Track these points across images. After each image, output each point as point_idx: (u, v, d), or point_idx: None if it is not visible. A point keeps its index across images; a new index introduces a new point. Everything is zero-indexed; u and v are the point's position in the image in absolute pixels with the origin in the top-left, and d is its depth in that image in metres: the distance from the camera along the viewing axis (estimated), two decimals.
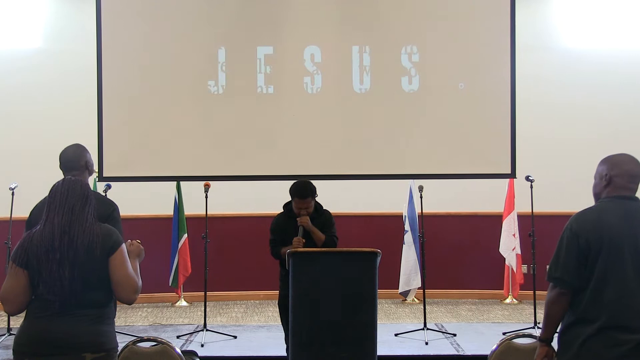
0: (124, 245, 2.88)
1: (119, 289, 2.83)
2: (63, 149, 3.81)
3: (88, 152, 3.82)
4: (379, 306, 4.46)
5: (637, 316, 2.76)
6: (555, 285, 2.87)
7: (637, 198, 2.94)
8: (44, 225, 2.82)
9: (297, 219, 4.71)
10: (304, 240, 4.64)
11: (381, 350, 4.53)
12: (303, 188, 4.78)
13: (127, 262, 2.86)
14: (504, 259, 7.42)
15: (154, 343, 3.60)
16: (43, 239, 2.78)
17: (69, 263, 2.75)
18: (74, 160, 3.73)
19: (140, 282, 2.89)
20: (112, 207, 3.70)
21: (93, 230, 2.81)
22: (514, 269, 7.36)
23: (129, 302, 2.90)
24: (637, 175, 2.93)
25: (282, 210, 4.96)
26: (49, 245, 2.77)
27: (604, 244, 2.80)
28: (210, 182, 6.21)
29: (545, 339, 2.97)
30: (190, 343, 5.87)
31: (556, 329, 2.94)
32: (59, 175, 3.80)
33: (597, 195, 3.01)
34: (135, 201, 6.72)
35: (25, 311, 2.86)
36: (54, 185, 2.91)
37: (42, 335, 2.76)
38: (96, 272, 2.79)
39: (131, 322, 6.78)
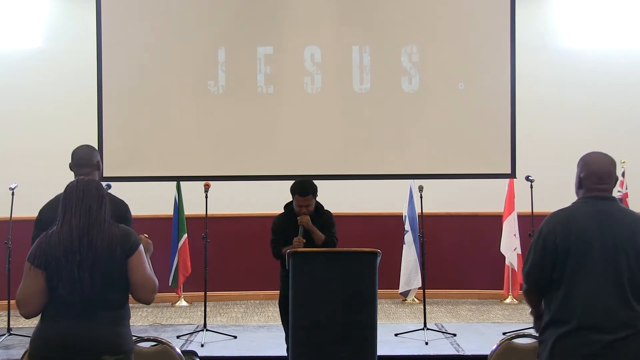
0: (141, 246, 2.84)
1: (139, 290, 2.81)
2: (74, 148, 3.74)
3: (98, 153, 3.80)
4: (379, 306, 4.46)
5: (606, 316, 2.79)
6: (524, 280, 2.99)
7: (611, 198, 2.96)
8: (60, 226, 2.76)
9: (297, 218, 4.70)
10: (304, 240, 4.63)
11: (381, 350, 4.53)
12: (304, 185, 4.80)
13: (146, 262, 2.84)
14: (504, 258, 7.41)
15: (154, 343, 3.59)
16: (61, 240, 2.72)
17: (89, 265, 2.71)
18: (86, 157, 3.67)
19: (157, 281, 2.87)
20: (125, 207, 3.65)
21: (112, 231, 2.77)
22: (515, 269, 7.36)
23: (148, 302, 2.87)
24: (605, 175, 2.95)
25: (283, 211, 4.96)
26: (67, 247, 2.71)
27: (572, 246, 2.85)
28: (210, 182, 6.21)
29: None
30: (190, 343, 5.86)
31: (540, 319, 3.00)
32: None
33: (577, 196, 3.05)
34: (135, 201, 6.66)
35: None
36: (68, 185, 2.85)
37: (61, 339, 2.70)
38: (115, 274, 2.75)
39: (131, 322, 6.68)
